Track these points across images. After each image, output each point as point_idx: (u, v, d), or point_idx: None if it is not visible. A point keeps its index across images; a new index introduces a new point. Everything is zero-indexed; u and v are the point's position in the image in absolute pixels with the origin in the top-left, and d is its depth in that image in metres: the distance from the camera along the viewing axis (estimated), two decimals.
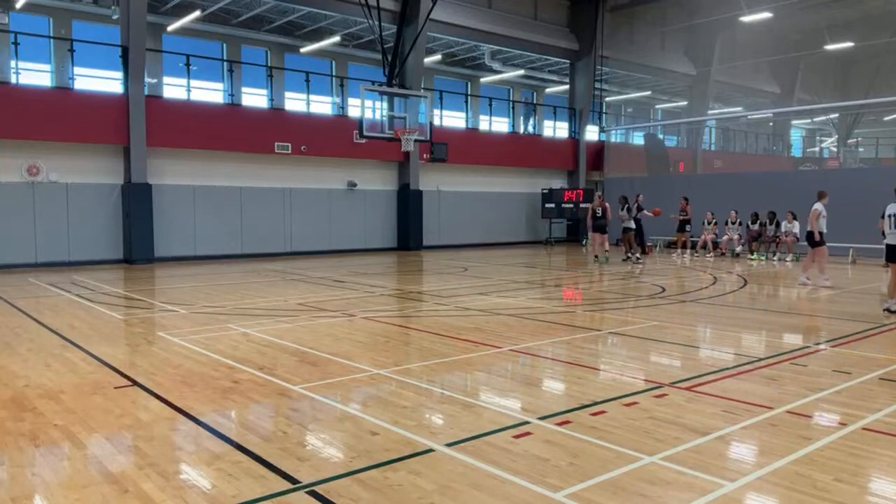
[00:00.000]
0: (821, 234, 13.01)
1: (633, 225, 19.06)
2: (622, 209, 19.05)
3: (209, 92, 21.22)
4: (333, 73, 24.62)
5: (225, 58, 22.33)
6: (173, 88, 20.40)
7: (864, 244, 17.68)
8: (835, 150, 42.66)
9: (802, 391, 5.61)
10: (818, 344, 7.70)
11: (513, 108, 28.79)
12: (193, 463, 4.12)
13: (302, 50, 23.94)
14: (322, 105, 23.40)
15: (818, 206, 13.11)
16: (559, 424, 4.76)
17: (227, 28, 22.48)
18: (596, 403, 5.25)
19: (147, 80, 18.37)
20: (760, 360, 6.81)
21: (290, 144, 20.21)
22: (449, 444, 4.34)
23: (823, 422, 4.90)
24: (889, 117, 42.34)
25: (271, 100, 21.37)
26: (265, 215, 20.25)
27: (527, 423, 4.79)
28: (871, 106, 34.70)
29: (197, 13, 20.31)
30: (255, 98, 21.76)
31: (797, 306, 11.08)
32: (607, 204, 18.78)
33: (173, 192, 18.57)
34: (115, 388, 5.77)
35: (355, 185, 22.10)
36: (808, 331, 8.75)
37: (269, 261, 18.98)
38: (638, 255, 18.95)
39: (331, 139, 21.02)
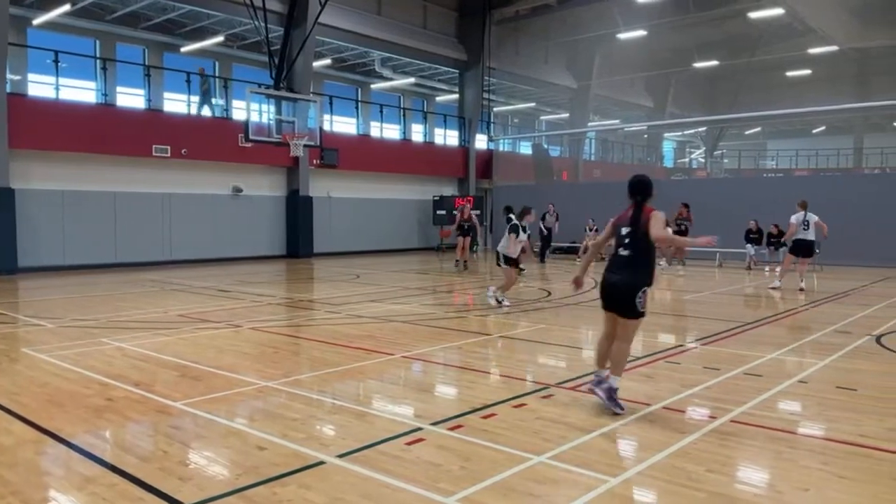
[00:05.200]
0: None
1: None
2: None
3: (81, 91, 19.89)
4: (217, 75, 23.76)
5: (98, 55, 21.02)
6: (40, 87, 18.94)
7: (730, 249, 19.02)
8: (703, 161, 45.83)
9: (676, 387, 5.96)
10: (690, 343, 8.21)
11: (404, 115, 28.91)
12: (63, 488, 3.83)
13: (182, 49, 22.94)
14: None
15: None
16: (451, 429, 4.80)
17: (101, 24, 21.17)
18: (486, 406, 5.34)
19: (9, 76, 16.96)
20: (638, 358, 7.17)
21: (169, 147, 19.27)
22: (340, 456, 4.27)
23: (696, 416, 5.22)
24: (750, 131, 45.96)
25: (149, 100, 20.29)
26: (143, 222, 19.16)
27: (419, 429, 4.80)
28: (734, 120, 37.57)
29: (66, 7, 18.98)
30: (131, 98, 20.60)
31: (670, 307, 11.77)
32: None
33: (40, 197, 17.20)
34: None
35: (241, 190, 21.39)
36: (681, 330, 9.32)
37: (148, 270, 17.98)
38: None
39: (214, 143, 20.23)
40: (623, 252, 5.28)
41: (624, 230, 5.34)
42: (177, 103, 21.12)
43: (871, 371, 6.74)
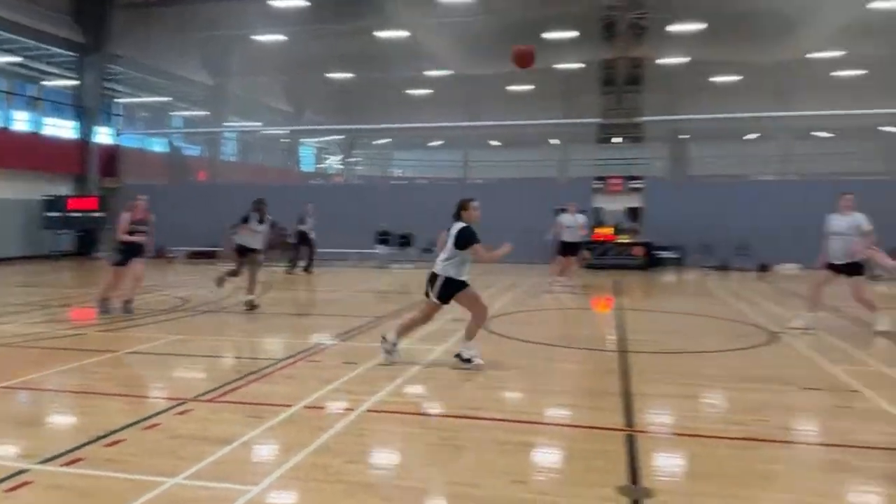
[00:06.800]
0: None
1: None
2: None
3: None
4: None
5: None
6: None
7: (362, 249, 20.14)
8: (340, 167, 48.21)
9: (317, 385, 6.10)
10: (330, 340, 8.49)
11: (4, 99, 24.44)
12: None
13: None
14: None
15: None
16: (67, 464, 4.18)
17: None
18: (112, 433, 4.77)
19: None
20: (280, 360, 7.18)
21: None
22: None
23: (335, 410, 5.41)
24: (377, 142, 49.76)
25: None
26: None
27: (24, 471, 4.07)
28: (364, 131, 40.23)
29: None
30: None
31: (309, 307, 12.07)
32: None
33: None
34: None
35: None
36: (321, 329, 9.60)
37: None
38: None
39: None
40: None
41: None
42: None
43: (484, 351, 7.69)
